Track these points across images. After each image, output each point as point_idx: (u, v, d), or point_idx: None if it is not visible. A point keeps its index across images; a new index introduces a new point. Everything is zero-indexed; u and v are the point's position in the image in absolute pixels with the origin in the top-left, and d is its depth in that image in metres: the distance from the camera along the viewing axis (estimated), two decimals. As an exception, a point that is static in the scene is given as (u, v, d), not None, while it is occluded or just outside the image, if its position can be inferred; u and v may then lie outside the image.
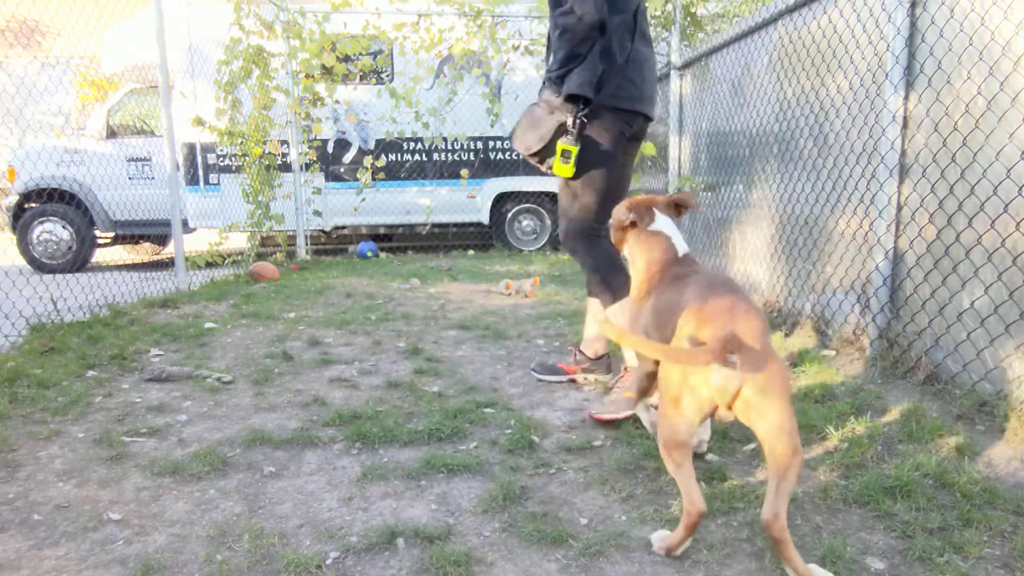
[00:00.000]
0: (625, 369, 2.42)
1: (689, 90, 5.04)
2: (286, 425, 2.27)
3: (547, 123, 2.31)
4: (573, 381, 2.71)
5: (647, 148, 5.21)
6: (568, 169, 2.34)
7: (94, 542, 1.55)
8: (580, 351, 2.71)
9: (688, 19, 5.06)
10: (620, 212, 1.93)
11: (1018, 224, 2.09)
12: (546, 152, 2.34)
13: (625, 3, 2.34)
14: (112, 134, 6.87)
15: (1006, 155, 2.13)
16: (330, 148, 7.02)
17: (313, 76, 6.21)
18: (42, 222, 6.68)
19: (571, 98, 2.27)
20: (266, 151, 5.91)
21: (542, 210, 7.50)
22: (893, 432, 2.06)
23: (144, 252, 8.57)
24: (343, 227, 7.72)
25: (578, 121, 2.30)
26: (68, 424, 2.26)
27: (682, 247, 1.83)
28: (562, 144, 2.30)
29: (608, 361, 2.71)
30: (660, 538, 1.50)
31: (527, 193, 7.41)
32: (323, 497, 1.77)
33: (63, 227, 6.72)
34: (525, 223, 7.56)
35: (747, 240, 4.03)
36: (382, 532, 1.56)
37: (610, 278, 2.44)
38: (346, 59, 6.25)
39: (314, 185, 6.96)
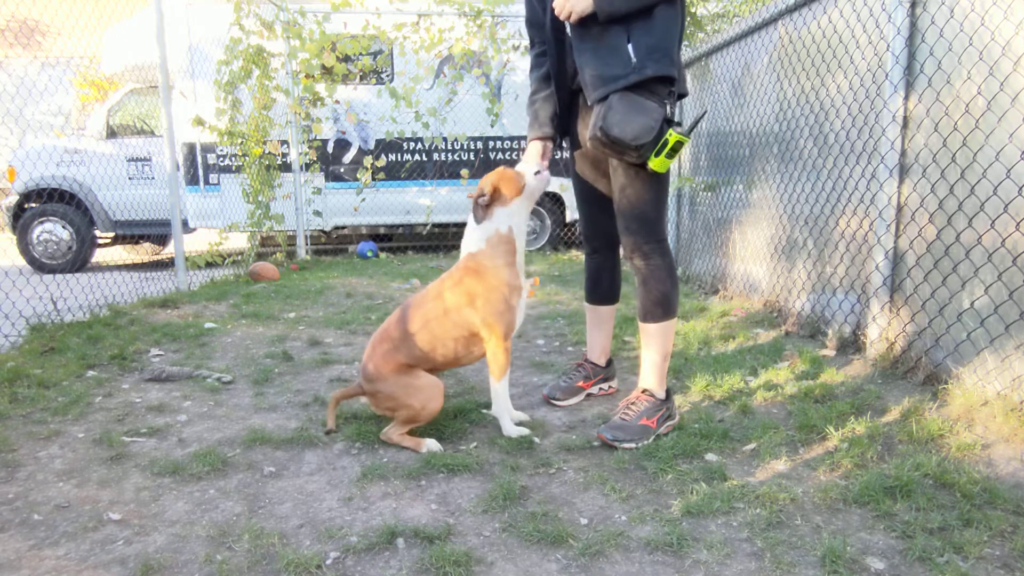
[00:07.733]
0: (643, 392, 2.18)
1: (689, 90, 5.03)
2: (286, 425, 2.27)
3: (655, 112, 1.98)
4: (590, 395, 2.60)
5: None
6: (668, 164, 2.05)
7: (94, 542, 1.55)
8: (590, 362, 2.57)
9: (688, 19, 5.06)
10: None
11: (1018, 224, 2.09)
12: (651, 144, 1.99)
13: None
14: (112, 134, 6.87)
15: (1006, 155, 2.13)
16: (330, 148, 7.02)
17: (313, 76, 6.21)
18: (42, 222, 6.68)
19: (664, 80, 2.01)
20: (266, 151, 5.91)
21: (542, 210, 7.49)
22: (893, 432, 2.06)
23: (144, 252, 8.56)
24: (343, 227, 7.72)
25: (672, 109, 2.03)
26: (68, 424, 2.26)
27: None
28: (676, 135, 1.98)
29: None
30: None
31: (527, 193, 7.40)
32: (323, 497, 1.77)
33: (63, 227, 6.71)
34: (525, 223, 7.55)
35: (747, 240, 4.03)
36: (382, 532, 1.56)
37: (676, 291, 2.20)
38: (346, 59, 6.25)
39: (314, 185, 6.96)
